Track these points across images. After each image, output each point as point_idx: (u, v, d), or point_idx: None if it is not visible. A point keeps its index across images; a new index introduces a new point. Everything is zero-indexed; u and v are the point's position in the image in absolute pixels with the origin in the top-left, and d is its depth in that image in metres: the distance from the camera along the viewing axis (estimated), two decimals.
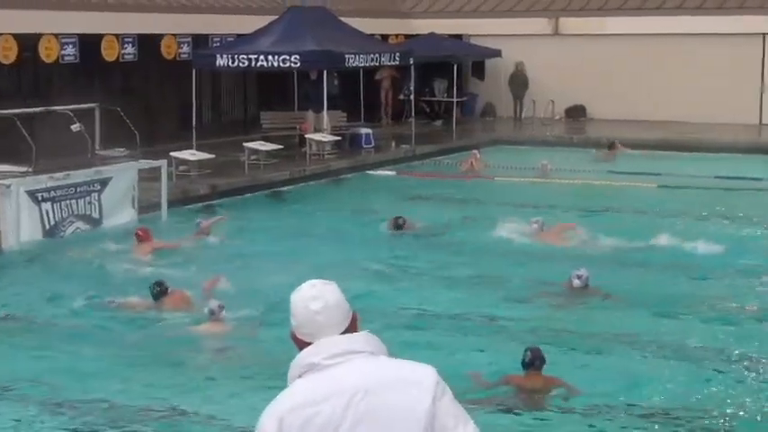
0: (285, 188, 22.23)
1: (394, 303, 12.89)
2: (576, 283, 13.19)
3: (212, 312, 11.87)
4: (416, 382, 3.62)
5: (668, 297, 13.48)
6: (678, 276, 14.66)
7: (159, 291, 12.79)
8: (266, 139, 24.58)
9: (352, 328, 3.72)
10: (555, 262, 15.07)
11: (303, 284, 3.76)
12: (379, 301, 13.07)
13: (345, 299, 3.72)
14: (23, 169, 20.29)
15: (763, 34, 31.27)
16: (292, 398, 3.61)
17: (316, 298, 3.69)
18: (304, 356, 3.66)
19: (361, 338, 3.69)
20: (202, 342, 11.76)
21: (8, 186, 16.19)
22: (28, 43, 23.02)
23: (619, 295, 13.34)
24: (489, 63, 34.15)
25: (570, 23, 33.69)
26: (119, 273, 14.66)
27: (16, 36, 22.59)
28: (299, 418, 3.55)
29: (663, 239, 16.37)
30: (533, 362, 9.91)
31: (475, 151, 25.53)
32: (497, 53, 33.10)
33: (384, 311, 12.40)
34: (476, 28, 34.34)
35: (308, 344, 3.68)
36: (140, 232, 16.11)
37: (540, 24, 33.90)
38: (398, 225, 17.35)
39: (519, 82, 33.52)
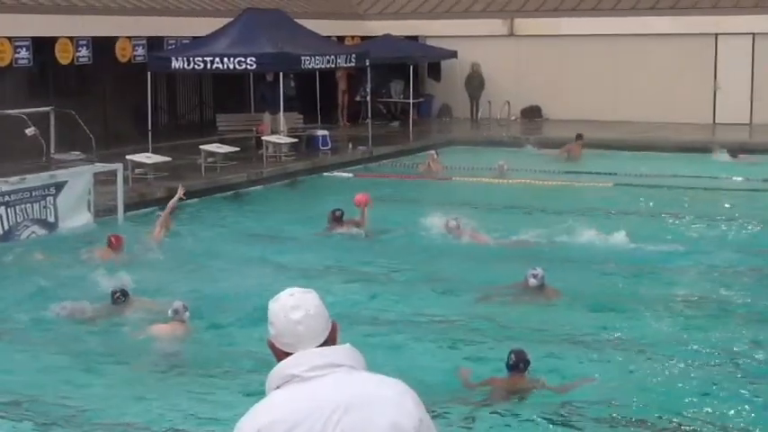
0: (242, 190, 22.15)
1: (346, 305, 12.85)
2: (532, 282, 13.24)
3: (176, 312, 11.77)
4: (398, 401, 3.58)
5: (623, 295, 13.61)
6: (633, 275, 14.76)
7: (120, 298, 12.67)
8: (223, 142, 24.51)
9: (332, 337, 3.67)
10: (509, 262, 15.12)
11: (282, 293, 3.70)
12: (330, 303, 13.03)
13: (325, 307, 3.67)
14: None
15: (716, 34, 31.55)
16: (271, 411, 3.55)
17: (296, 307, 3.63)
18: (284, 367, 3.60)
19: (343, 352, 3.64)
20: (165, 343, 11.69)
21: None
22: None
23: (573, 294, 13.41)
24: (445, 64, 34.23)
25: (525, 24, 33.83)
26: (75, 277, 14.54)
27: None
28: None
29: (619, 238, 16.48)
30: (517, 364, 9.91)
31: (432, 152, 25.58)
32: (453, 54, 33.19)
33: (335, 313, 12.38)
34: (431, 29, 34.42)
35: (287, 354, 3.61)
36: (114, 239, 15.87)
37: (495, 25, 34.02)
38: (336, 217, 17.30)
39: (475, 83, 33.62)
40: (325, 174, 24.71)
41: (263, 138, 25.09)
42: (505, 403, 9.83)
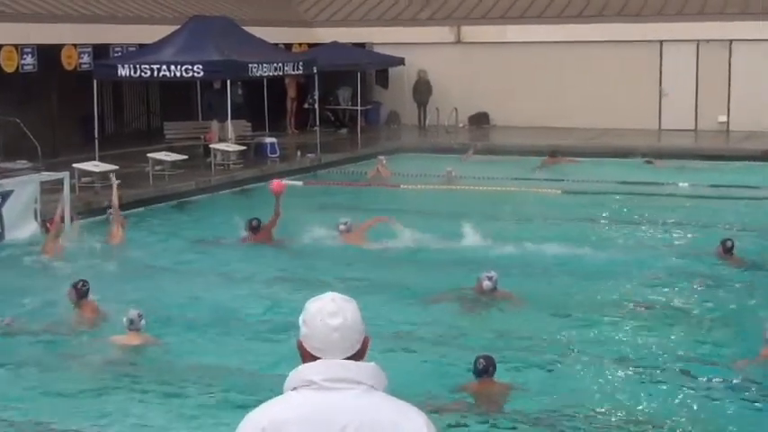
0: (191, 198, 22.04)
1: (293, 314, 12.79)
2: (487, 284, 13.29)
3: (131, 322, 11.56)
4: (411, 429, 3.53)
5: (571, 300, 13.71)
6: (582, 279, 14.87)
7: (84, 289, 12.48)
8: (171, 150, 24.38)
9: (362, 351, 3.62)
10: (462, 266, 15.19)
11: (322, 295, 3.65)
12: (284, 313, 13.09)
13: (362, 320, 3.61)
14: None
15: (661, 41, 31.88)
16: (281, 411, 3.52)
17: (335, 314, 3.57)
18: (305, 372, 3.56)
19: (367, 369, 3.58)
20: (122, 354, 11.59)
21: None
22: None
23: (525, 297, 13.51)
24: (393, 71, 34.28)
25: (472, 32, 33.97)
26: (22, 287, 14.38)
27: None
28: None
29: (565, 244, 16.62)
30: (487, 369, 9.90)
31: (381, 158, 25.61)
32: (401, 61, 33.27)
33: (292, 323, 12.40)
34: (379, 36, 34.46)
35: (314, 357, 3.56)
36: (48, 223, 16.11)
37: (442, 32, 34.14)
38: (253, 227, 17.27)
39: (422, 90, 33.71)
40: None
41: (210, 146, 24.99)
42: (477, 408, 9.86)
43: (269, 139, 26.81)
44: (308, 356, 3.59)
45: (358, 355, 3.61)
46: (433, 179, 24.22)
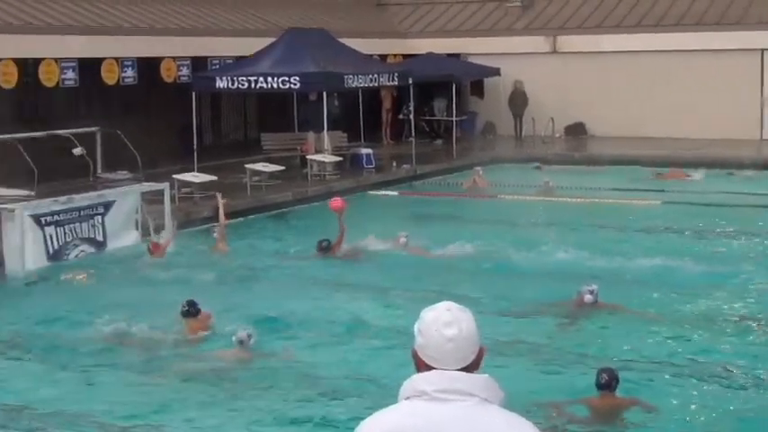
0: (288, 209, 22.15)
1: (393, 323, 12.72)
2: (588, 298, 13.11)
3: (241, 342, 11.71)
4: None
5: (682, 314, 13.45)
6: (683, 292, 14.59)
7: (189, 311, 12.60)
8: (268, 161, 24.55)
9: (476, 361, 3.57)
10: (559, 278, 15.02)
11: (437, 304, 3.61)
12: (380, 321, 13.07)
13: (477, 331, 3.57)
14: (25, 193, 20.24)
15: (762, 50, 31.31)
16: (392, 421, 3.50)
17: (450, 324, 3.53)
18: (418, 381, 3.53)
19: (481, 382, 3.53)
20: (229, 370, 11.65)
21: (12, 211, 16.14)
22: (28, 68, 22.99)
23: (630, 310, 13.30)
24: (488, 81, 34.17)
25: (568, 41, 33.73)
26: (125, 296, 14.56)
27: (17, 60, 22.57)
28: None
29: (664, 256, 16.34)
30: (609, 383, 9.74)
31: (478, 169, 25.50)
32: (496, 71, 33.13)
33: (382, 333, 12.42)
34: (474, 47, 34.38)
35: (428, 366, 3.53)
36: (152, 246, 16.57)
37: (538, 42, 33.94)
38: (323, 248, 17.19)
39: (518, 100, 33.53)
40: (369, 192, 24.67)
41: (307, 156, 25.13)
42: (598, 424, 9.71)
43: (365, 150, 26.87)
44: (422, 366, 3.57)
45: (472, 367, 3.56)
46: (530, 190, 24.04)
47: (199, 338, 12.44)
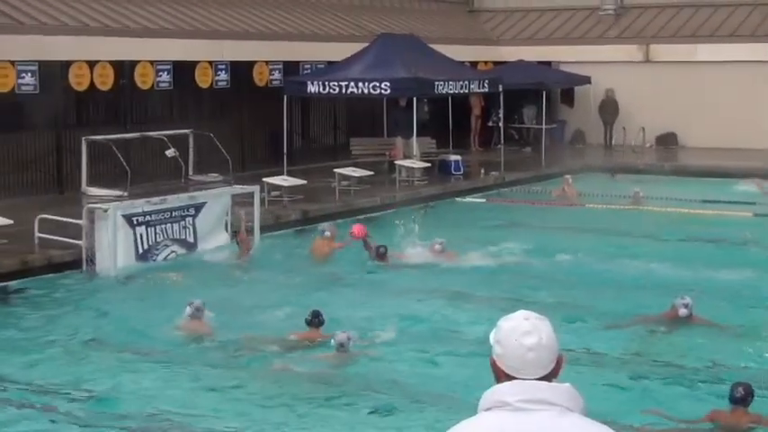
0: (376, 214, 22.23)
1: (476, 331, 12.70)
2: (683, 312, 12.93)
3: (341, 345, 11.84)
4: None
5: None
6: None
7: (313, 321, 12.57)
8: (356, 165, 24.68)
9: (555, 371, 3.56)
10: (649, 290, 14.87)
11: (515, 314, 3.60)
12: (458, 328, 13.06)
13: (557, 339, 3.54)
14: (119, 193, 20.65)
15: None
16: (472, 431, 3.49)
17: (529, 333, 3.52)
18: (498, 392, 3.51)
19: (563, 391, 3.50)
20: (325, 370, 11.74)
21: (105, 210, 16.42)
22: (124, 70, 23.41)
23: (724, 325, 13.12)
24: (579, 90, 33.96)
25: (661, 50, 33.37)
26: (212, 298, 14.71)
27: (113, 63, 22.98)
28: None
29: (756, 270, 16.08)
30: (745, 398, 9.55)
31: (567, 176, 25.32)
32: (587, 80, 32.90)
33: (465, 338, 12.41)
34: (565, 54, 34.21)
35: (508, 376, 3.52)
36: (240, 241, 16.98)
37: (630, 51, 33.64)
38: (381, 254, 17.16)
39: (609, 109, 33.26)
40: (457, 199, 24.66)
41: (395, 162, 25.20)
42: None
43: (453, 157, 26.87)
44: (502, 376, 3.55)
45: (552, 375, 3.54)
46: (619, 199, 23.83)
47: (308, 344, 12.46)
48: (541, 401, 3.45)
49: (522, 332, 3.52)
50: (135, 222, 16.81)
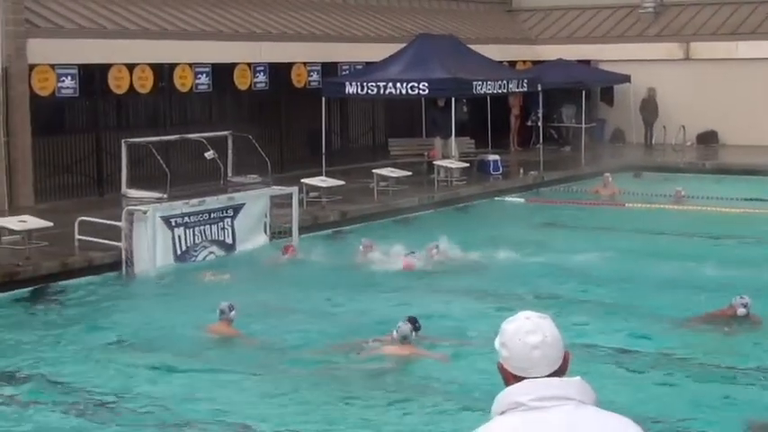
0: (414, 214, 22.20)
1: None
2: (741, 311, 12.84)
3: (404, 337, 11.83)
4: None
5: None
6: None
7: (414, 327, 12.37)
8: (394, 166, 24.65)
9: (563, 367, 3.55)
10: (694, 289, 14.73)
11: (516, 315, 3.61)
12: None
13: (561, 336, 3.54)
14: (158, 195, 20.75)
15: None
16: None
17: (533, 332, 3.52)
18: (511, 394, 3.50)
19: (574, 384, 3.50)
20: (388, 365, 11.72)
21: (145, 212, 16.50)
22: (164, 73, 23.52)
23: None
24: (618, 88, 33.76)
25: (702, 48, 33.10)
26: (250, 299, 14.74)
27: (152, 66, 23.10)
28: None
29: None
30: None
31: (607, 175, 25.17)
32: (627, 78, 32.70)
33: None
34: (604, 53, 34.02)
35: (517, 377, 3.52)
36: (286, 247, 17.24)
37: (670, 49, 33.40)
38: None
39: (650, 108, 33.04)
40: (496, 198, 24.59)
41: (434, 162, 25.16)
42: None
43: (492, 157, 26.79)
44: (510, 378, 3.54)
45: (560, 372, 3.54)
46: (660, 199, 23.66)
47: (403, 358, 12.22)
48: (555, 397, 3.45)
49: (525, 332, 3.52)
50: (174, 224, 16.88)
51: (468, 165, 25.44)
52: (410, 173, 23.86)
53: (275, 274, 16.60)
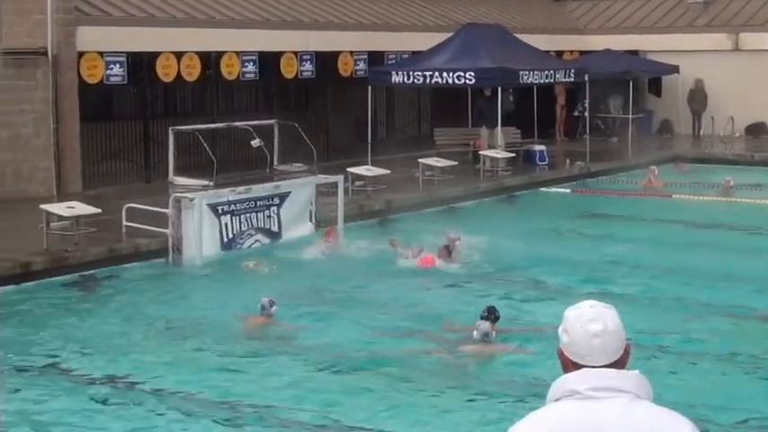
0: (459, 204, 22.16)
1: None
2: None
3: (486, 335, 11.80)
4: None
5: None
6: None
7: (489, 317, 12.29)
8: (439, 156, 24.62)
9: (623, 360, 3.54)
10: (733, 282, 14.60)
11: (581, 302, 3.61)
12: None
13: (623, 328, 3.53)
14: (205, 183, 20.85)
15: None
16: (545, 423, 3.47)
17: (595, 320, 3.52)
18: (567, 381, 3.51)
19: (631, 378, 3.50)
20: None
21: (192, 199, 16.59)
22: (211, 61, 23.62)
23: None
24: (666, 79, 33.49)
25: (751, 39, 32.77)
26: (295, 288, 14.78)
27: (199, 54, 23.21)
28: None
29: None
30: None
31: (653, 167, 25.01)
32: (675, 69, 32.43)
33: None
34: (652, 43, 33.76)
35: (576, 365, 3.52)
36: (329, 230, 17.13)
37: (719, 40, 33.09)
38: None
39: (698, 99, 32.77)
40: (542, 189, 24.50)
41: (480, 152, 25.09)
42: None
43: (538, 147, 26.69)
44: (569, 365, 3.54)
45: (620, 364, 3.53)
46: (708, 190, 23.47)
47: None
48: (611, 389, 3.44)
49: (587, 319, 3.52)
50: (220, 211, 16.95)
51: (513, 155, 25.35)
52: (455, 163, 23.80)
53: (319, 264, 16.57)
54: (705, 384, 10.77)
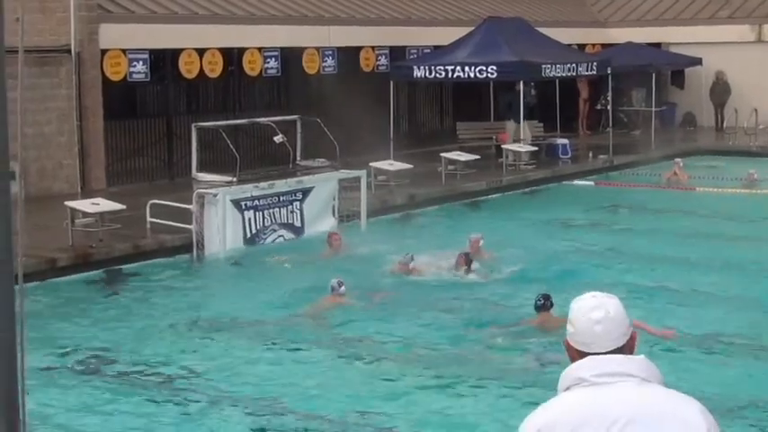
0: (482, 198, 22.15)
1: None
2: None
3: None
4: (685, 419, 3.46)
5: None
6: None
7: (544, 304, 12.33)
8: (462, 150, 24.61)
9: (629, 346, 3.61)
10: (758, 274, 14.55)
11: (584, 295, 3.70)
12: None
13: (626, 315, 3.60)
14: (228, 179, 20.93)
15: None
16: (554, 412, 3.54)
17: (596, 308, 3.60)
18: (575, 369, 3.58)
19: (638, 362, 3.56)
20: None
21: (215, 195, 16.65)
22: (233, 57, 23.68)
23: None
24: (689, 71, 33.35)
25: None
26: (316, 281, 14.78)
27: (222, 50, 23.26)
28: None
29: None
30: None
31: (678, 160, 24.91)
32: (698, 61, 32.30)
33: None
34: (675, 36, 33.63)
35: (582, 353, 3.60)
36: (333, 237, 16.67)
37: (742, 31, 32.93)
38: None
39: (720, 91, 32.62)
40: (565, 182, 24.46)
41: (503, 146, 25.06)
42: None
43: (561, 140, 26.65)
44: (575, 354, 3.62)
45: (626, 350, 3.60)
46: (732, 182, 23.38)
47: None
48: (618, 374, 3.52)
49: (589, 308, 3.62)
50: (243, 207, 17.01)
51: (536, 149, 25.32)
52: (478, 156, 23.79)
53: (339, 258, 16.51)
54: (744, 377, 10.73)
